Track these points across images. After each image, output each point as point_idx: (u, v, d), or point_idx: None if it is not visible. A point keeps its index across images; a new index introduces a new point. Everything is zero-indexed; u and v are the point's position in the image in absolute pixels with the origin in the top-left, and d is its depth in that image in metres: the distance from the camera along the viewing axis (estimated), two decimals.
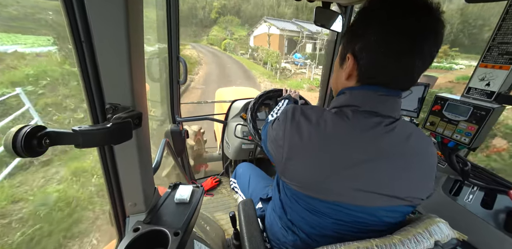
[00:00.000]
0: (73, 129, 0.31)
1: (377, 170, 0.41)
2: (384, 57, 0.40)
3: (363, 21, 0.42)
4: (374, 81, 0.43)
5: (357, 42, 0.42)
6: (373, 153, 0.41)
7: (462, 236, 0.46)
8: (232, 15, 31.44)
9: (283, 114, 0.48)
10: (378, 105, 0.43)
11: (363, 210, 0.43)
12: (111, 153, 0.48)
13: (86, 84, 0.41)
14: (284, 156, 0.44)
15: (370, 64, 0.42)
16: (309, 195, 0.44)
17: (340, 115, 0.43)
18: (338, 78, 0.50)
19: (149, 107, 1.53)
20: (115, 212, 0.56)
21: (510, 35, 0.72)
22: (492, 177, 0.89)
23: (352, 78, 0.46)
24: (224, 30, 28.91)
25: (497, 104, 0.76)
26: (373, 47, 0.40)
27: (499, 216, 0.74)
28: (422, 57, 0.39)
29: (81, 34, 0.37)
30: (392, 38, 0.38)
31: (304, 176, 0.43)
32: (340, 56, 0.49)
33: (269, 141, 0.50)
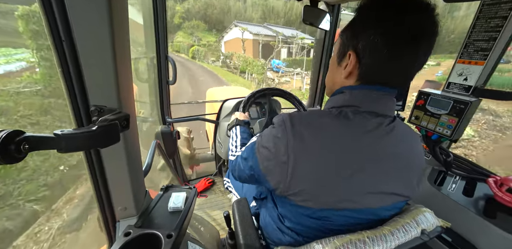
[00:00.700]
0: (55, 133, 0.30)
1: (383, 171, 0.42)
2: (386, 57, 0.39)
3: (365, 19, 0.41)
4: (374, 81, 0.43)
5: (360, 40, 0.41)
6: (378, 154, 0.41)
7: (446, 224, 0.49)
8: (198, 20, 29.75)
9: (280, 127, 0.43)
10: (377, 105, 0.43)
11: (368, 212, 0.44)
12: (98, 157, 0.46)
13: (69, 85, 0.39)
14: (290, 171, 0.40)
15: (372, 63, 0.41)
16: (320, 207, 0.42)
17: (342, 117, 0.42)
18: (335, 77, 0.48)
19: (138, 108, 1.49)
20: (104, 217, 0.54)
21: (483, 32, 0.76)
22: (472, 166, 0.94)
23: (352, 76, 0.44)
24: (190, 36, 27.20)
25: (474, 97, 0.81)
26: (377, 46, 0.39)
27: (479, 203, 0.79)
28: (420, 56, 0.40)
29: (61, 33, 0.36)
30: (396, 39, 0.38)
31: (315, 187, 0.40)
32: (338, 53, 0.47)
33: (264, 161, 0.44)
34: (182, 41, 25.11)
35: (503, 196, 0.74)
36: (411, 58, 0.40)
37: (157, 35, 1.12)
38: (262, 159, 0.45)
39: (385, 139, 0.42)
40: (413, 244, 0.43)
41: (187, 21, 29.01)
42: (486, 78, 0.83)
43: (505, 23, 0.70)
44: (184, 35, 27.49)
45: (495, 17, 0.73)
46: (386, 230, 0.42)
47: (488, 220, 0.70)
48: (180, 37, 26.89)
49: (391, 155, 0.42)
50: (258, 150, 0.46)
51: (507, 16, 0.69)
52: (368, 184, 0.41)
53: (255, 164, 0.47)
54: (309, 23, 1.13)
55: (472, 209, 0.75)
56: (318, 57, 1.53)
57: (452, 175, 0.95)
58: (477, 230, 0.73)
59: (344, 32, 0.45)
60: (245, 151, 0.53)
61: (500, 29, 0.72)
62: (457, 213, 0.77)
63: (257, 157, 0.46)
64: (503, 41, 0.74)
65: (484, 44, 0.77)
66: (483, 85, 0.83)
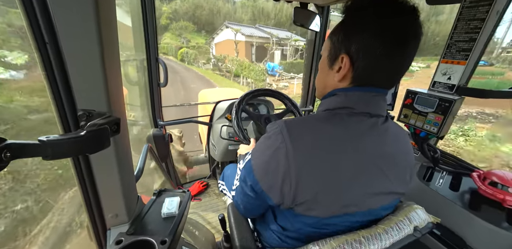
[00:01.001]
0: (39, 140, 0.28)
1: (381, 171, 0.42)
2: (379, 59, 0.39)
3: (357, 21, 0.40)
4: (368, 82, 0.43)
5: (353, 42, 0.40)
6: (376, 154, 0.42)
7: (436, 219, 0.50)
8: (186, 21, 27.85)
9: (277, 136, 0.41)
10: (371, 106, 0.43)
11: (369, 213, 0.45)
12: (87, 163, 0.45)
13: (54, 89, 0.37)
14: (293, 183, 0.38)
15: (366, 65, 0.40)
16: (324, 216, 0.41)
17: (338, 120, 0.42)
18: (327, 80, 0.47)
19: (128, 111, 1.45)
20: (94, 225, 0.52)
21: (464, 34, 0.80)
22: (458, 162, 0.99)
23: (345, 79, 0.44)
24: (178, 37, 25.59)
25: (457, 95, 0.85)
26: (370, 49, 0.39)
27: (464, 197, 0.82)
28: (408, 57, 0.41)
29: (44, 35, 0.34)
30: (389, 41, 0.38)
31: (320, 195, 0.39)
32: (329, 56, 0.45)
33: (263, 176, 0.42)
34: (169, 42, 23.81)
35: (486, 189, 0.78)
36: (401, 59, 0.41)
37: (147, 37, 1.10)
38: (261, 174, 0.42)
39: (381, 139, 0.43)
40: (406, 241, 0.44)
41: (174, 22, 27.44)
42: (468, 77, 0.87)
43: (483, 24, 0.74)
44: (172, 37, 26.17)
45: (474, 19, 0.77)
46: (381, 229, 0.42)
47: (473, 213, 0.73)
48: (168, 39, 25.57)
49: (388, 154, 0.43)
50: (254, 167, 0.43)
51: (485, 18, 0.73)
52: (370, 185, 0.42)
53: (254, 182, 0.43)
54: (299, 24, 1.15)
55: (458, 202, 0.79)
56: (309, 58, 1.55)
57: (439, 170, 0.98)
58: (464, 223, 0.76)
59: (334, 35, 0.44)
60: (242, 172, 0.50)
61: (479, 31, 0.76)
62: (445, 208, 0.80)
63: (255, 175, 0.43)
64: (482, 42, 0.78)
65: (465, 44, 0.81)
66: (466, 84, 0.87)
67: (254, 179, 0.43)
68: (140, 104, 1.39)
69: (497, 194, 0.75)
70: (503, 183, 0.75)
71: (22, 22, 0.34)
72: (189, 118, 1.42)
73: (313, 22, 1.17)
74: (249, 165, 0.46)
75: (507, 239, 0.66)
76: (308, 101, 1.70)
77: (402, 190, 0.46)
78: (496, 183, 0.77)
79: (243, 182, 0.49)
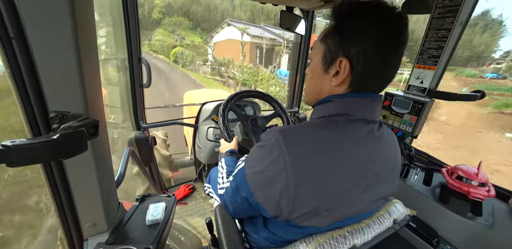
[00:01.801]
0: (3, 145, 0.25)
1: (377, 177, 0.43)
2: (377, 63, 0.39)
3: (358, 25, 0.39)
4: (365, 88, 0.42)
5: (352, 45, 0.39)
6: (373, 161, 0.42)
7: (412, 212, 0.54)
8: (181, 16, 25.74)
9: (273, 147, 0.39)
10: (368, 112, 0.43)
11: (357, 217, 0.46)
12: (60, 168, 0.41)
13: (20, 89, 0.34)
14: (291, 196, 0.37)
15: (366, 70, 0.40)
16: (321, 226, 0.41)
17: (335, 127, 0.41)
18: (323, 85, 0.45)
19: (108, 113, 1.37)
20: (68, 236, 0.48)
21: (433, 42, 0.88)
22: (430, 159, 1.07)
23: (343, 83, 0.42)
24: (171, 34, 23.60)
25: (428, 98, 0.92)
26: (369, 53, 0.38)
27: (435, 191, 0.89)
28: (399, 63, 0.42)
29: (8, 29, 0.31)
30: (386, 46, 0.38)
31: (319, 208, 0.38)
32: (324, 60, 0.43)
33: (258, 189, 0.40)
34: (161, 39, 21.11)
35: (453, 183, 0.85)
36: (395, 64, 0.41)
37: (128, 34, 1.05)
38: (256, 186, 0.40)
39: (376, 146, 0.43)
40: (386, 234, 0.47)
41: (168, 17, 25.00)
42: (437, 81, 0.95)
43: (449, 34, 0.82)
44: (164, 33, 23.79)
45: (441, 29, 0.84)
46: (363, 223, 0.45)
47: (443, 205, 0.80)
48: (160, 35, 23.09)
49: (382, 160, 0.44)
50: (249, 177, 0.41)
51: (451, 28, 0.81)
52: (368, 193, 0.42)
53: (248, 193, 0.42)
54: (285, 28, 1.18)
55: (430, 196, 0.85)
56: (295, 60, 1.59)
57: (414, 167, 1.06)
58: (435, 215, 0.82)
59: (329, 38, 0.42)
60: (234, 181, 0.47)
61: (445, 39, 0.83)
62: (419, 201, 0.87)
63: (249, 185, 0.41)
64: (448, 49, 0.86)
65: (434, 51, 0.88)
66: (435, 87, 0.95)
67: (249, 190, 0.41)
68: (121, 106, 1.32)
69: (463, 187, 0.82)
70: (467, 177, 0.83)
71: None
72: (174, 120, 1.38)
73: (298, 26, 1.20)
74: (242, 174, 0.43)
75: (471, 228, 0.73)
76: (294, 103, 1.73)
77: (390, 193, 0.48)
78: (461, 177, 0.85)
79: (235, 191, 0.46)
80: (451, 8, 0.80)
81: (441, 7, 0.83)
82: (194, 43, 21.77)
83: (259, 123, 1.07)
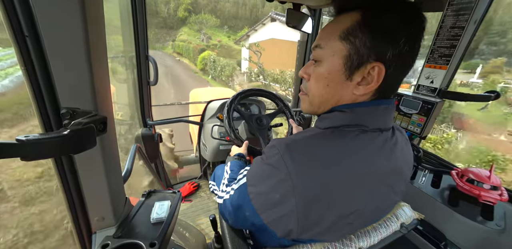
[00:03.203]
0: (17, 139, 0.26)
1: (392, 188, 0.41)
2: (410, 67, 0.36)
3: (394, 21, 0.33)
4: (386, 95, 0.38)
5: (389, 48, 0.33)
6: (386, 172, 0.39)
7: (420, 216, 0.53)
8: (207, 13, 23.28)
9: (278, 166, 0.35)
10: (383, 120, 0.39)
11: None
12: (70, 164, 0.42)
13: (34, 86, 0.35)
14: (302, 219, 0.34)
15: (399, 76, 0.35)
16: (333, 240, 0.40)
17: (347, 140, 0.36)
18: (343, 93, 0.38)
19: (116, 110, 1.40)
20: (78, 229, 0.49)
21: (445, 40, 0.85)
22: (439, 160, 1.04)
23: (369, 92, 0.37)
24: (197, 33, 21.24)
25: (439, 98, 0.90)
26: (407, 56, 0.34)
27: (444, 193, 0.87)
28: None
29: (23, 27, 0.32)
30: (418, 48, 0.35)
31: (334, 227, 0.36)
32: (348, 63, 0.35)
33: (264, 210, 0.37)
34: (186, 39, 18.77)
35: (463, 186, 0.83)
36: (411, 66, 0.37)
37: (136, 33, 1.06)
38: (261, 206, 0.37)
39: (391, 155, 0.40)
40: (393, 237, 0.46)
41: (194, 15, 22.49)
42: (448, 81, 0.93)
43: (462, 32, 0.79)
44: (189, 32, 21.46)
45: (454, 27, 0.81)
46: (370, 226, 0.44)
47: (452, 208, 0.78)
48: (185, 35, 20.85)
49: (398, 169, 0.41)
50: (253, 197, 0.38)
51: (464, 26, 0.78)
52: (383, 204, 0.41)
53: (253, 213, 0.38)
54: (292, 26, 1.16)
55: (439, 199, 0.83)
56: (301, 59, 1.57)
57: (422, 169, 1.03)
58: (444, 218, 0.80)
59: (356, 36, 0.34)
60: (235, 197, 0.43)
61: (459, 38, 0.81)
62: (427, 204, 0.85)
63: (253, 206, 0.37)
64: (461, 48, 0.83)
65: (446, 50, 0.85)
66: (446, 87, 0.92)
67: (253, 211, 0.38)
68: (128, 103, 1.35)
69: (473, 190, 0.79)
70: (479, 180, 0.80)
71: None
72: (179, 118, 1.39)
73: (305, 24, 1.19)
74: (244, 191, 0.39)
75: (481, 232, 0.71)
76: (299, 102, 1.72)
77: (400, 199, 0.47)
78: (472, 180, 0.82)
79: (237, 209, 0.43)
80: (465, 5, 0.77)
81: (454, 4, 0.80)
82: (221, 43, 18.58)
83: (264, 121, 1.07)
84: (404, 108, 0.98)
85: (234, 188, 0.45)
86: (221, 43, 18.39)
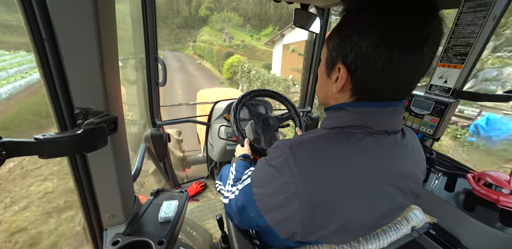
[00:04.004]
0: (35, 138, 0.28)
1: (402, 191, 0.40)
2: (386, 68, 0.32)
3: (355, 23, 0.34)
4: (379, 96, 0.36)
5: (350, 50, 0.34)
6: (396, 177, 0.38)
7: (432, 219, 0.51)
8: (230, 11, 21.50)
9: (282, 168, 0.35)
10: (390, 122, 0.38)
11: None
12: (83, 162, 0.44)
13: (50, 87, 0.37)
14: (305, 222, 0.34)
15: (367, 76, 0.34)
16: (339, 243, 0.40)
17: (352, 142, 0.36)
18: (327, 90, 0.41)
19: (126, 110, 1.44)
20: (90, 225, 0.51)
21: (461, 38, 0.81)
22: (453, 163, 1.00)
23: (344, 90, 0.38)
24: (218, 33, 19.66)
25: (453, 98, 0.86)
26: (370, 57, 0.32)
27: (459, 198, 0.83)
28: (421, 66, 0.34)
29: (41, 31, 0.34)
30: (400, 46, 0.31)
31: (339, 230, 0.36)
32: (326, 64, 0.40)
33: (268, 212, 0.37)
34: (208, 40, 17.25)
35: (480, 190, 0.79)
36: (419, 65, 0.33)
37: (146, 35, 1.09)
38: (265, 208, 0.37)
39: (400, 158, 0.39)
40: (404, 241, 0.45)
41: (216, 13, 20.87)
42: (463, 81, 0.89)
43: (480, 30, 0.75)
44: (211, 32, 20.09)
45: (471, 24, 0.78)
46: (379, 229, 0.43)
47: (468, 213, 0.74)
48: (206, 34, 19.46)
49: (408, 173, 0.40)
50: (257, 198, 0.38)
51: (482, 23, 0.75)
52: (392, 207, 0.40)
53: (257, 214, 0.38)
54: (299, 26, 1.16)
55: (453, 203, 0.79)
56: (308, 60, 1.56)
57: (435, 171, 0.99)
58: (459, 223, 0.76)
59: (331, 40, 0.37)
60: (240, 198, 0.43)
61: (475, 36, 0.77)
62: (440, 208, 0.81)
63: (258, 207, 0.38)
64: (478, 46, 0.79)
65: (461, 49, 0.82)
66: (461, 87, 0.89)
67: (258, 212, 0.38)
68: (138, 104, 1.38)
69: (491, 195, 0.76)
70: (497, 184, 0.76)
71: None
72: (187, 118, 1.41)
73: (313, 24, 1.18)
74: (249, 192, 0.40)
75: (500, 239, 0.67)
76: (307, 102, 1.70)
77: (412, 202, 0.46)
78: (490, 184, 0.78)
79: (241, 209, 0.43)
80: (483, 1, 0.74)
81: (471, 0, 0.77)
82: (244, 43, 16.59)
83: (270, 122, 1.07)
84: (416, 108, 0.95)
85: (239, 188, 0.46)
86: (244, 43, 16.74)
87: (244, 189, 0.43)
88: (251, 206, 0.39)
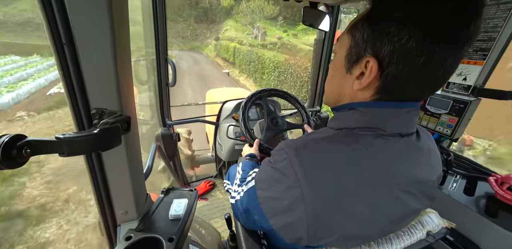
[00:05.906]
0: (56, 137, 0.29)
1: (416, 197, 0.38)
2: (423, 66, 0.29)
3: (397, 12, 0.29)
4: (401, 96, 0.33)
5: (386, 42, 0.29)
6: (410, 182, 0.36)
7: (450, 224, 0.48)
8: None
9: (287, 171, 0.34)
10: (403, 124, 0.35)
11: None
12: (99, 160, 0.46)
13: (69, 88, 0.39)
14: (312, 227, 0.32)
15: (401, 73, 0.30)
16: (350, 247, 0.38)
17: (360, 144, 0.34)
18: (343, 87, 0.37)
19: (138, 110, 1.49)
20: (105, 221, 0.53)
21: (482, 33, 0.77)
22: (473, 165, 0.94)
23: (368, 88, 0.34)
24: (245, 27, 15.33)
25: (473, 97, 0.81)
26: (411, 53, 0.28)
27: (480, 202, 0.78)
28: (456, 64, 0.32)
29: (62, 36, 0.35)
30: (441, 42, 0.28)
31: (348, 237, 0.34)
32: (348, 56, 0.35)
33: (273, 216, 0.36)
34: (235, 37, 13.15)
35: (504, 195, 0.74)
36: (452, 64, 0.31)
37: (157, 37, 1.12)
38: (270, 212, 0.36)
39: (415, 162, 0.36)
40: (418, 246, 0.43)
41: (243, 3, 15.90)
42: (485, 78, 0.83)
43: (503, 23, 0.71)
44: (236, 27, 15.70)
45: (494, 18, 0.73)
46: (392, 233, 0.41)
47: (489, 219, 0.70)
48: (232, 29, 15.28)
49: (423, 177, 0.37)
50: (262, 201, 0.37)
51: (506, 16, 0.70)
52: (403, 215, 0.38)
53: (262, 218, 0.37)
54: (308, 24, 1.14)
55: (473, 208, 0.75)
56: (317, 58, 1.53)
57: (452, 174, 0.94)
58: (479, 229, 0.72)
59: (358, 29, 0.33)
60: (245, 200, 0.43)
61: (499, 30, 0.72)
62: (458, 213, 0.77)
63: (262, 210, 0.37)
64: (502, 41, 0.74)
65: (483, 44, 0.77)
66: (483, 85, 0.83)
67: (263, 216, 0.37)
68: (149, 104, 1.42)
69: None
70: None
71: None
72: (196, 118, 1.44)
73: (322, 22, 1.16)
74: (254, 195, 0.39)
75: None
76: (316, 101, 1.68)
77: (426, 207, 0.43)
78: None
79: (246, 212, 0.43)
80: None
81: None
82: (282, 40, 11.99)
83: (279, 122, 1.07)
84: (432, 107, 0.90)
85: (244, 190, 0.45)
86: (282, 41, 11.82)
87: (249, 191, 0.42)
88: (256, 209, 0.38)
